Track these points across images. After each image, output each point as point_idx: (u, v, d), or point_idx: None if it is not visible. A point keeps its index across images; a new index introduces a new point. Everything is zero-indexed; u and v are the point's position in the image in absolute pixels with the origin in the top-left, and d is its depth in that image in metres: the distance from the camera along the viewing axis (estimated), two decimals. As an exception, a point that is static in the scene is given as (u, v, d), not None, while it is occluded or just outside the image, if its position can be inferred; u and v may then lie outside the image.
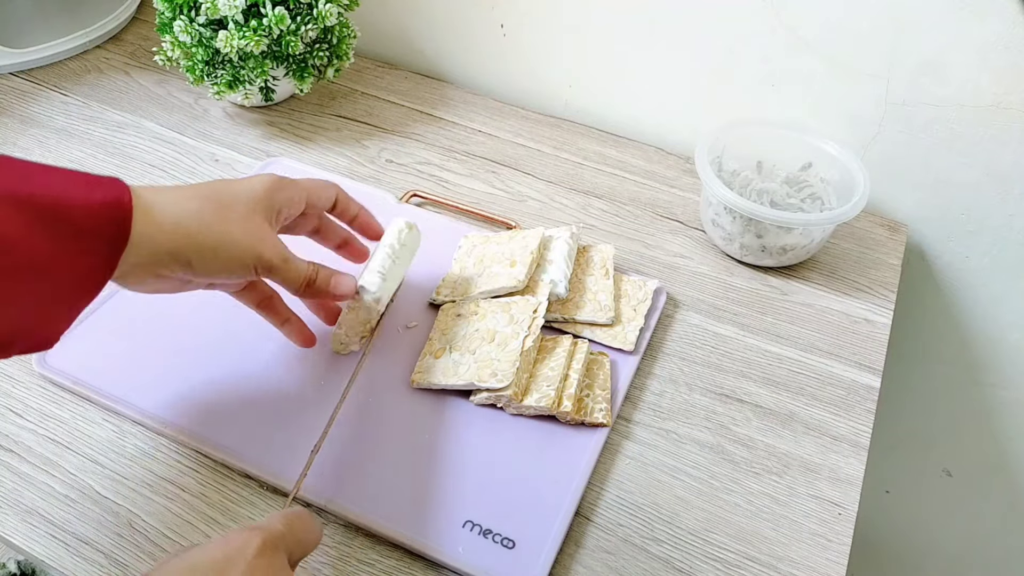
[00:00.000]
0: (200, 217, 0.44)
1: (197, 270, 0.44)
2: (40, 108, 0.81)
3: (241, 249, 0.45)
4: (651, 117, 0.84)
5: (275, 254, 0.47)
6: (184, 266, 0.44)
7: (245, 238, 0.45)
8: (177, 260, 0.43)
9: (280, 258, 0.47)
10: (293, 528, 0.40)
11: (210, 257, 0.44)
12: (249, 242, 0.45)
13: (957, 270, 0.80)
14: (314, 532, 0.42)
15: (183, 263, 0.43)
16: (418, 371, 0.57)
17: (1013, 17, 0.64)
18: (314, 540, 0.42)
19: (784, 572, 0.50)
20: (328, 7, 0.73)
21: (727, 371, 0.61)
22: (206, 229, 0.44)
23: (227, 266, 0.45)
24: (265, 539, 0.38)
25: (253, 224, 0.46)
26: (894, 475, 1.00)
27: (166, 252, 0.42)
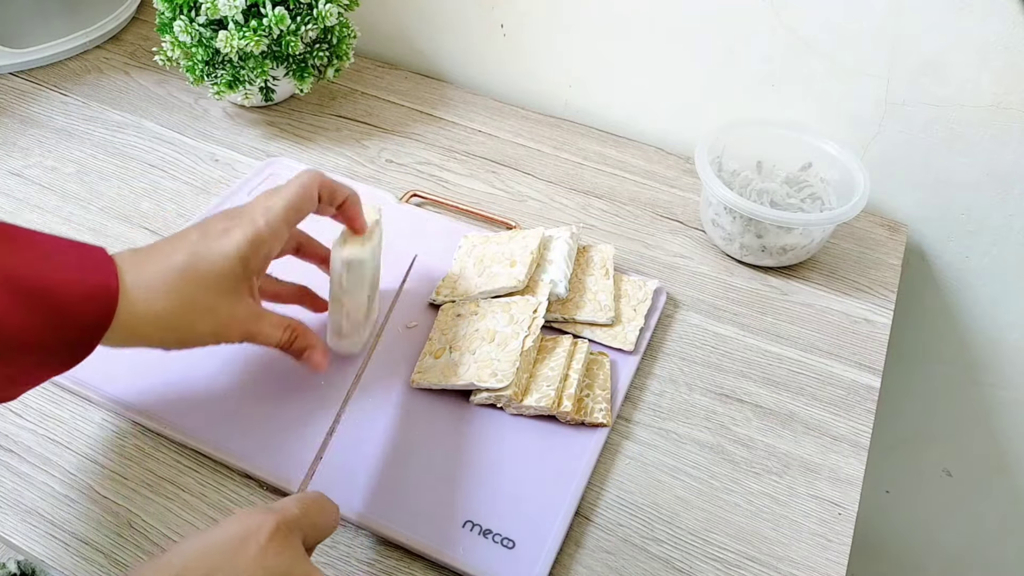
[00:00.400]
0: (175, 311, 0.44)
1: (181, 338, 0.46)
2: (40, 108, 0.81)
3: (217, 334, 0.47)
4: (651, 117, 0.84)
5: (249, 330, 0.48)
6: (167, 335, 0.45)
7: (220, 325, 0.47)
8: (153, 344, 0.45)
9: (254, 331, 0.49)
10: (308, 511, 0.40)
11: (189, 330, 0.46)
12: (225, 327, 0.47)
13: (957, 270, 0.80)
14: (330, 515, 0.42)
15: (166, 332, 0.45)
16: (418, 371, 0.57)
17: (1013, 17, 0.64)
18: (330, 524, 0.41)
19: (784, 572, 0.50)
20: (328, 7, 0.73)
21: (727, 371, 0.61)
22: (183, 323, 0.45)
23: (205, 337, 0.47)
24: (279, 521, 0.37)
25: (228, 305, 0.47)
26: (894, 475, 1.00)
27: (143, 337, 0.44)
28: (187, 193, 0.73)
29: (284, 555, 0.37)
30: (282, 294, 0.57)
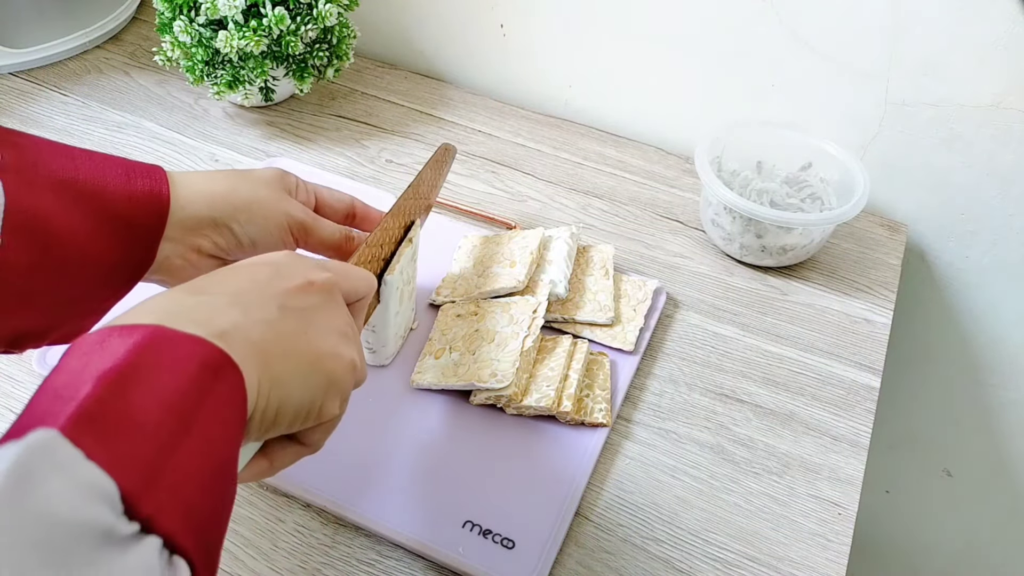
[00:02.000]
0: (228, 182, 0.45)
1: (238, 233, 0.45)
2: (40, 108, 0.81)
3: (271, 206, 0.46)
4: (651, 117, 0.84)
5: (304, 212, 0.48)
6: (224, 232, 0.44)
7: (272, 196, 0.47)
8: (216, 225, 0.44)
9: (310, 216, 0.48)
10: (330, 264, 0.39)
11: (245, 217, 0.45)
12: (277, 201, 0.47)
13: (957, 270, 0.80)
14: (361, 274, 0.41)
15: (222, 227, 0.44)
16: (418, 371, 0.57)
17: (1013, 17, 0.64)
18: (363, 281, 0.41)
19: (784, 572, 0.50)
20: (328, 7, 0.73)
21: (727, 371, 0.61)
22: (236, 191, 0.45)
23: (264, 226, 0.46)
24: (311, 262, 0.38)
25: (275, 190, 0.47)
26: (894, 475, 1.00)
27: (205, 217, 0.43)
28: (187, 193, 0.73)
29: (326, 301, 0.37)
30: None
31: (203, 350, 0.29)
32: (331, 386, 0.35)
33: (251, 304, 0.33)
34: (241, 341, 0.31)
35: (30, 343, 0.40)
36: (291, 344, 0.33)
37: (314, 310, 0.36)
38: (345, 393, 0.37)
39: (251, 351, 0.31)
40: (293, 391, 0.33)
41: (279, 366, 0.32)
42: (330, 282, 0.37)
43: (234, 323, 0.31)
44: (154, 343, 0.28)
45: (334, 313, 0.37)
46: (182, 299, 0.32)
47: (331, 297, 0.37)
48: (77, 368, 0.27)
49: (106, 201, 0.40)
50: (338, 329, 0.37)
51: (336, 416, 0.37)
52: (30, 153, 0.39)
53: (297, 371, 0.33)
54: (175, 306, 0.31)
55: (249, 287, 0.34)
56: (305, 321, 0.35)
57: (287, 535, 0.49)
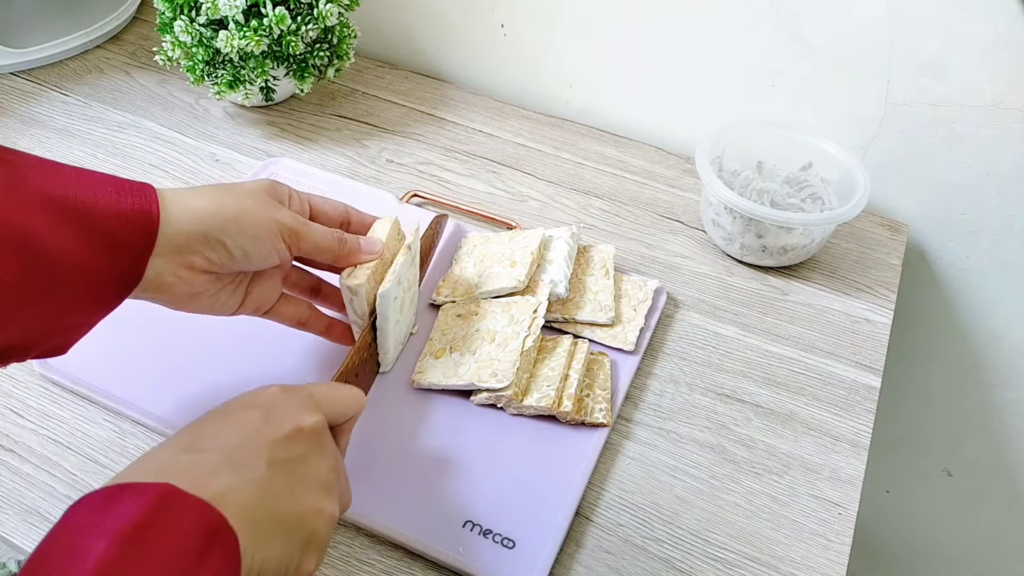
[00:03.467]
0: (215, 197, 0.45)
1: (230, 247, 0.45)
2: (41, 108, 0.81)
3: (261, 216, 0.46)
4: (651, 117, 0.84)
5: (294, 219, 0.48)
6: (216, 246, 0.44)
7: (260, 206, 0.46)
8: (207, 240, 0.44)
9: (300, 222, 0.48)
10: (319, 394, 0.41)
11: (236, 229, 0.45)
12: (266, 210, 0.46)
13: (957, 270, 0.80)
14: (350, 395, 0.42)
15: (213, 241, 0.44)
16: (418, 371, 0.57)
17: (1013, 17, 0.64)
18: (352, 402, 0.42)
19: (784, 572, 0.50)
20: (328, 7, 0.73)
21: (727, 371, 0.61)
22: (223, 204, 0.45)
23: (255, 236, 0.45)
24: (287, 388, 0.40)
25: (263, 200, 0.47)
26: (894, 475, 1.00)
27: (195, 233, 0.43)
28: (187, 193, 0.73)
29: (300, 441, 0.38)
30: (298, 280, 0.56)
31: (206, 514, 0.31)
32: (310, 543, 0.37)
33: (241, 463, 0.35)
34: (234, 504, 0.33)
35: (14, 357, 0.40)
36: (277, 505, 0.35)
37: (300, 461, 0.37)
38: (322, 547, 0.38)
39: (242, 514, 0.33)
40: (274, 553, 0.34)
41: (264, 529, 0.34)
42: (318, 426, 0.39)
43: (228, 485, 0.33)
44: (164, 504, 0.30)
45: (319, 463, 0.38)
46: (177, 457, 0.34)
47: (318, 442, 0.39)
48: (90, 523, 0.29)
49: (95, 218, 0.39)
50: (322, 483, 0.38)
51: (311, 572, 0.38)
52: (19, 169, 0.38)
53: (281, 533, 0.35)
54: (173, 465, 0.33)
55: (239, 441, 0.36)
56: (291, 477, 0.36)
57: (287, 535, 0.49)
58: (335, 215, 0.53)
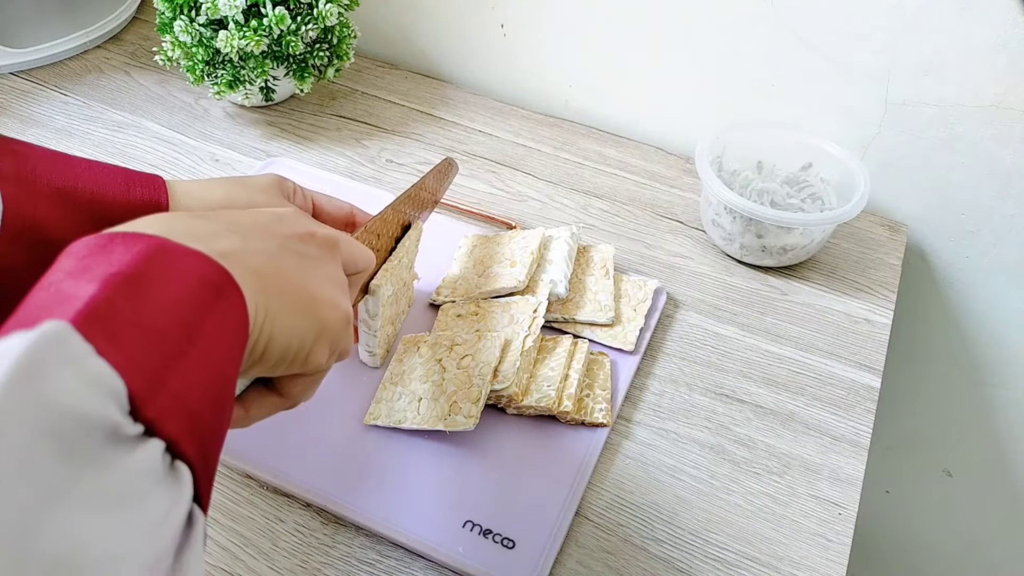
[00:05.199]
0: (225, 190, 0.46)
1: None
2: (40, 108, 0.81)
3: None
4: (651, 117, 0.84)
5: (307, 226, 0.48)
6: None
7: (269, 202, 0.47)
8: None
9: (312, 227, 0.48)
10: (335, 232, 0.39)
11: None
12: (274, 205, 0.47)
13: (957, 270, 0.80)
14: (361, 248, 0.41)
15: None
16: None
17: (1013, 17, 0.64)
18: (363, 253, 0.40)
19: (784, 572, 0.50)
20: (328, 7, 0.73)
21: (727, 371, 0.61)
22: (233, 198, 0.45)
23: None
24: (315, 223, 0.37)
25: (272, 195, 0.48)
26: (894, 475, 1.00)
27: None
28: (187, 193, 0.73)
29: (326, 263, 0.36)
30: None
31: (207, 267, 0.28)
32: (323, 333, 0.34)
33: (252, 235, 0.33)
34: (241, 264, 0.30)
35: None
36: (288, 280, 0.33)
37: (313, 259, 0.35)
38: (335, 345, 0.35)
39: (250, 276, 0.30)
40: (285, 328, 0.32)
41: (275, 299, 0.31)
42: (332, 238, 0.37)
43: (235, 247, 0.31)
44: (158, 253, 0.27)
45: (333, 267, 0.36)
46: (183, 218, 0.31)
47: (332, 252, 0.37)
48: (78, 268, 0.26)
49: (105, 209, 0.40)
50: (337, 280, 0.36)
51: (322, 368, 0.35)
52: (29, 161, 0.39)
53: (292, 308, 0.32)
54: (176, 223, 0.30)
55: (251, 222, 0.34)
56: (304, 264, 0.34)
57: (287, 535, 0.49)
58: (340, 214, 0.53)
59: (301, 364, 0.34)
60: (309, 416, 0.54)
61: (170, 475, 0.25)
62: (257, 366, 0.32)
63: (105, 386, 0.23)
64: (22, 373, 0.21)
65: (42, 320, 0.23)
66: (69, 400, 0.22)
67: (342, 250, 0.38)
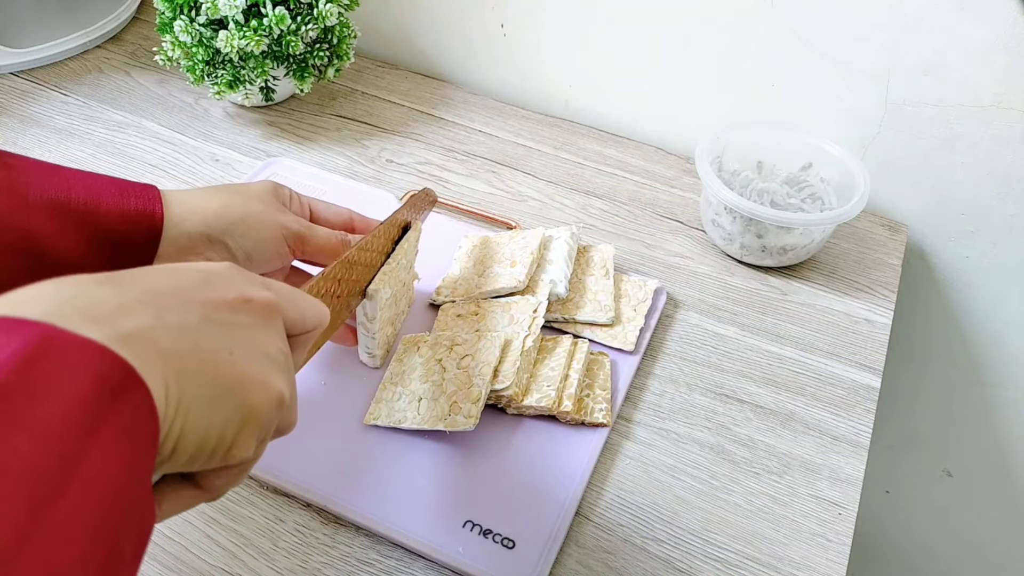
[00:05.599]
0: (221, 198, 0.45)
1: (233, 249, 0.45)
2: (40, 108, 0.81)
3: (266, 219, 0.46)
4: (651, 117, 0.84)
5: (298, 222, 0.48)
6: (219, 248, 0.44)
7: (266, 210, 0.47)
8: (210, 241, 0.44)
9: (304, 225, 0.48)
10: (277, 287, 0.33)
11: (239, 231, 0.45)
12: (271, 214, 0.47)
13: (957, 270, 0.80)
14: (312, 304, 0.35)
15: (216, 243, 0.44)
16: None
17: (1013, 17, 0.64)
18: (312, 310, 0.35)
19: (784, 572, 0.50)
20: (328, 7, 0.73)
21: (727, 371, 0.61)
22: (230, 207, 0.45)
23: (259, 239, 0.46)
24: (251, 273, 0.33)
25: (268, 203, 0.47)
26: (894, 475, 1.00)
27: (199, 234, 0.43)
28: (187, 193, 0.73)
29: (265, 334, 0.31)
30: None
31: (104, 361, 0.24)
32: (249, 420, 0.29)
33: (167, 307, 0.27)
34: (150, 348, 0.25)
35: None
36: (208, 361, 0.27)
37: (244, 329, 0.30)
38: (264, 432, 0.30)
39: (159, 362, 0.25)
40: (201, 419, 0.27)
41: (189, 386, 0.26)
42: (271, 303, 0.31)
43: (142, 325, 0.26)
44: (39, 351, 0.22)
45: (268, 337, 0.31)
46: (84, 286, 0.26)
47: (268, 320, 0.31)
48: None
49: (99, 220, 0.40)
50: (270, 355, 0.30)
51: (248, 460, 0.30)
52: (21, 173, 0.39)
53: (211, 395, 0.27)
54: (72, 294, 0.25)
55: (169, 288, 0.28)
56: (230, 339, 0.29)
57: (287, 535, 0.49)
58: (339, 221, 0.53)
59: (221, 458, 0.29)
60: (309, 416, 0.54)
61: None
62: (166, 464, 0.27)
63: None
64: None
65: None
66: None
67: (285, 311, 0.33)
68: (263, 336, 0.31)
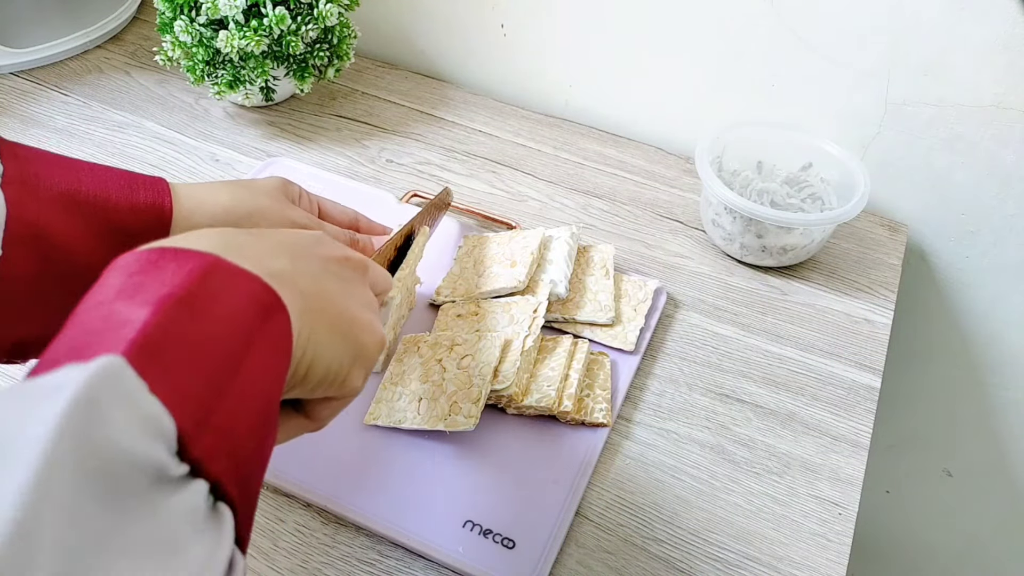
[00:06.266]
0: (231, 193, 0.46)
1: None
2: (40, 108, 0.81)
3: (275, 215, 0.46)
4: (651, 117, 0.84)
5: (308, 219, 0.48)
6: None
7: (275, 205, 0.47)
8: None
9: (314, 222, 0.49)
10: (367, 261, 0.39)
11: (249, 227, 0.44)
12: (280, 209, 0.47)
13: (957, 270, 0.80)
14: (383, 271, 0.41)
15: None
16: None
17: (1013, 17, 0.64)
18: (383, 276, 0.41)
19: (784, 572, 0.50)
20: (328, 7, 0.73)
21: (727, 371, 0.61)
22: (239, 201, 0.45)
23: None
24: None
25: (277, 199, 0.48)
26: (894, 475, 1.00)
27: None
28: (187, 193, 0.73)
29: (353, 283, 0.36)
30: None
31: (258, 288, 0.28)
32: (360, 356, 0.34)
33: (298, 256, 0.33)
34: (290, 287, 0.30)
35: (33, 352, 0.40)
36: (331, 303, 0.33)
37: (350, 282, 0.36)
38: (370, 368, 0.36)
39: (298, 299, 0.30)
40: (327, 350, 0.32)
41: (318, 322, 0.32)
42: (364, 262, 0.38)
43: (284, 268, 0.31)
44: (210, 273, 0.27)
45: (365, 291, 0.37)
46: (233, 235, 0.31)
47: (364, 277, 0.38)
48: (130, 288, 0.26)
49: (108, 213, 0.40)
50: (371, 304, 0.37)
51: (356, 391, 0.36)
52: (32, 165, 0.39)
53: (333, 332, 0.33)
54: (227, 240, 0.30)
55: (294, 242, 0.34)
56: (343, 288, 0.35)
57: (287, 535, 0.49)
58: (345, 220, 0.53)
59: (338, 387, 0.34)
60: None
61: (212, 518, 0.24)
62: (297, 388, 0.32)
63: (156, 425, 0.23)
64: (78, 413, 0.21)
65: (96, 352, 0.23)
66: (121, 443, 0.21)
67: (370, 274, 0.39)
68: (362, 289, 0.37)
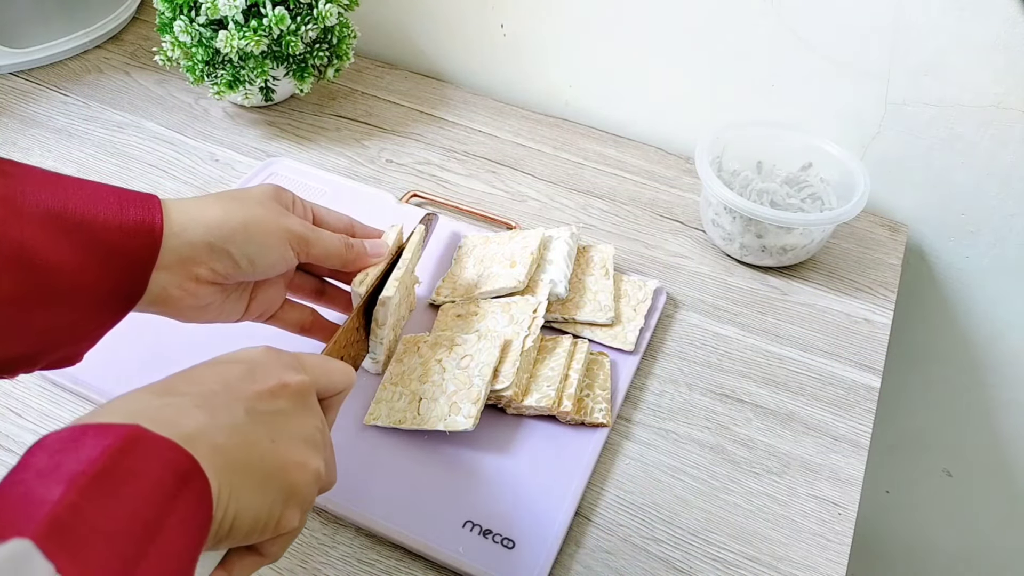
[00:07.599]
0: (223, 207, 0.45)
1: (237, 256, 0.44)
2: (40, 108, 0.81)
3: (270, 224, 0.46)
4: (651, 117, 0.84)
5: (303, 226, 0.48)
6: (222, 256, 0.43)
7: (269, 214, 0.46)
8: (212, 250, 0.43)
9: (309, 229, 0.48)
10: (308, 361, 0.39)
11: (242, 238, 0.44)
12: (275, 218, 0.46)
13: (957, 270, 0.80)
14: (339, 368, 0.41)
15: (220, 253, 0.43)
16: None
17: (1013, 17, 0.64)
18: (341, 375, 0.41)
19: (784, 572, 0.50)
20: (328, 7, 0.73)
21: (727, 371, 0.61)
22: (232, 214, 0.44)
23: (263, 243, 0.45)
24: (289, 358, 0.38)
25: (271, 207, 0.47)
26: (894, 475, 1.00)
27: (201, 243, 0.42)
28: (187, 193, 0.73)
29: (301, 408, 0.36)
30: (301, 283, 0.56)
31: (175, 455, 0.29)
32: (291, 497, 0.35)
33: (218, 407, 0.33)
34: (207, 446, 0.31)
35: (23, 368, 0.40)
36: (255, 452, 0.33)
37: (283, 415, 0.35)
38: (306, 504, 0.36)
39: (216, 457, 0.31)
40: (251, 502, 0.33)
41: (240, 475, 0.32)
42: (304, 385, 0.37)
43: (201, 426, 0.31)
44: (128, 445, 0.28)
45: (304, 420, 0.37)
46: (148, 400, 0.32)
47: (303, 401, 0.37)
48: (48, 467, 0.26)
49: (96, 231, 0.39)
50: (306, 437, 0.36)
51: (295, 528, 0.36)
52: (18, 182, 0.38)
53: (258, 482, 0.33)
54: (142, 406, 0.31)
55: (218, 388, 0.34)
56: (272, 428, 0.35)
57: (287, 535, 0.49)
58: (340, 225, 0.53)
59: (274, 530, 0.34)
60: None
61: None
62: (226, 541, 0.33)
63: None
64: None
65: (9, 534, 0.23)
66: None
67: (319, 382, 0.39)
68: (299, 419, 0.36)
